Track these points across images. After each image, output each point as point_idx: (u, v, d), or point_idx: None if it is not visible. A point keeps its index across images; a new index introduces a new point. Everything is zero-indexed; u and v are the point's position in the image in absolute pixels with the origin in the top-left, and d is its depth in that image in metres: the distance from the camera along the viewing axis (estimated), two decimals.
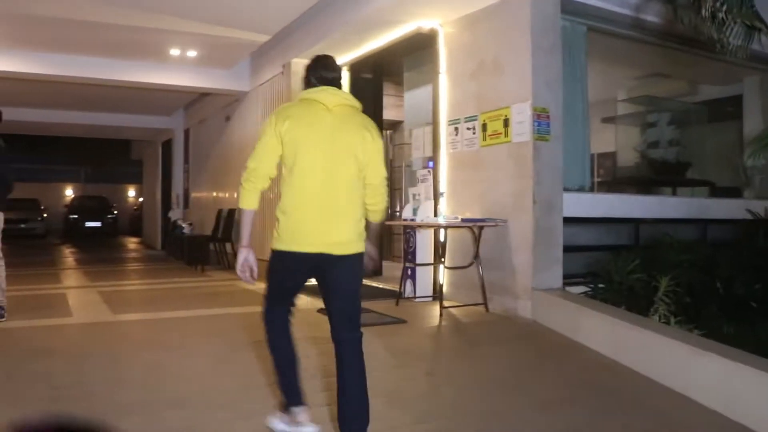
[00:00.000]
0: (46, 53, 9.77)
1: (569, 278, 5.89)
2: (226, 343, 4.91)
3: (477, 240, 6.04)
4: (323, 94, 3.11)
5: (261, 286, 3.09)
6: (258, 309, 3.13)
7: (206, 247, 11.56)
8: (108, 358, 4.46)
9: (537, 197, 5.68)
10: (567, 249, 5.85)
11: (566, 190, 5.97)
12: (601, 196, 6.89)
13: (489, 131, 6.19)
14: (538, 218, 5.68)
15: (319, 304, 6.56)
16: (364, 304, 6.36)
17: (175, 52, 9.76)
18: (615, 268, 5.60)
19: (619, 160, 9.21)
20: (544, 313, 5.49)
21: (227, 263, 11.11)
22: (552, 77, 5.82)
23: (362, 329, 2.97)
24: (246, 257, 3.00)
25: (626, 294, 5.48)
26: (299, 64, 8.79)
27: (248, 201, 2.98)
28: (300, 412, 3.02)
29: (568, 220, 5.90)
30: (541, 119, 5.71)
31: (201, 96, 13.32)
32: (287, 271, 3.02)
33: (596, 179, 8.53)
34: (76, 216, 25.10)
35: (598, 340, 4.75)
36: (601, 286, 5.69)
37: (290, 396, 3.04)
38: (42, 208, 25.08)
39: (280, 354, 3.06)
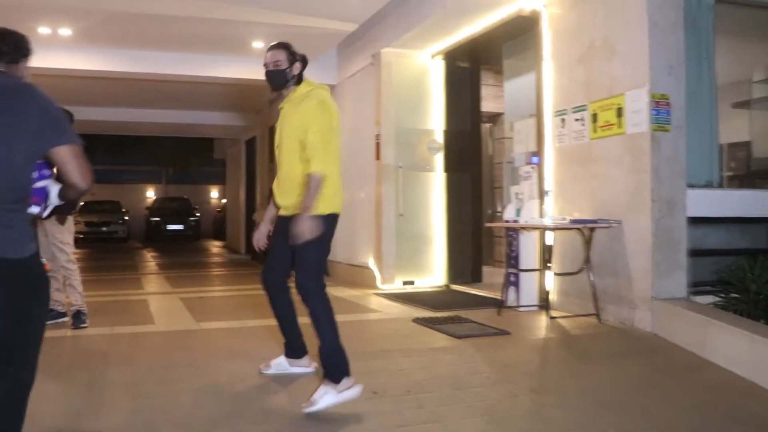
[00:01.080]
0: (125, 50, 10.24)
1: (695, 287, 5.68)
2: (316, 353, 4.99)
3: (588, 243, 5.92)
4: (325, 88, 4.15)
5: (350, 293, 3.13)
6: (350, 319, 3.20)
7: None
8: (191, 368, 4.64)
9: (656, 195, 5.51)
10: (692, 253, 5.65)
11: (690, 186, 5.76)
12: (732, 192, 6.60)
13: (600, 122, 6.06)
14: (658, 219, 5.52)
15: (415, 312, 6.62)
16: (464, 314, 6.38)
17: (257, 44, 10.03)
18: (751, 276, 5.37)
19: (755, 150, 8.78)
20: (665, 325, 5.32)
21: None
22: (672, 59, 5.63)
23: (462, 340, 3.10)
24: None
25: (765, 306, 5.23)
26: (390, 53, 8.86)
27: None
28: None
29: (692, 221, 5.70)
30: (660, 107, 5.54)
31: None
32: (332, 234, 3.99)
33: (726, 173, 8.18)
34: (157, 219, 26.19)
35: (733, 358, 4.56)
36: (734, 295, 5.47)
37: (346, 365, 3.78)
38: (123, 210, 26.31)
39: (334, 323, 3.85)
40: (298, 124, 3.96)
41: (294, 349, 4.42)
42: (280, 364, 4.45)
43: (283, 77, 4.14)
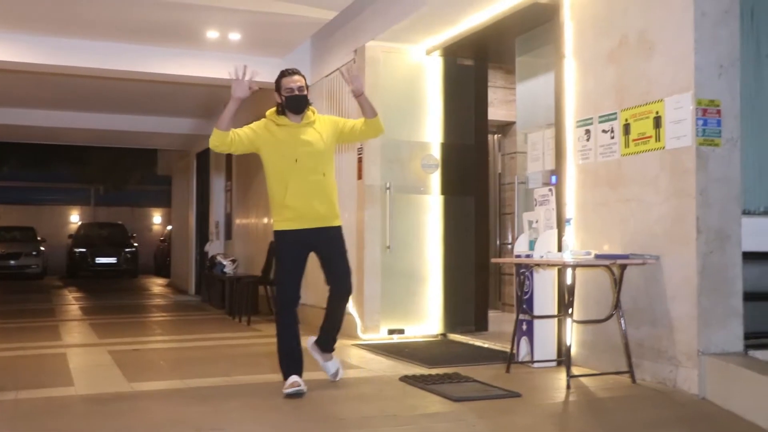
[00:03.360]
0: (43, 36, 10.12)
1: (755, 338, 5.68)
2: (281, 422, 4.95)
3: (618, 284, 5.92)
4: None
5: None
6: (322, 376, 3.15)
7: (254, 291, 11.76)
8: None
9: (703, 224, 5.53)
10: (749, 297, 5.67)
11: (747, 213, 5.79)
12: None
13: (633, 134, 6.09)
14: (705, 253, 5.53)
15: (404, 369, 6.59)
16: (464, 371, 6.37)
17: (212, 34, 10.05)
18: None
19: None
20: (717, 387, 5.31)
21: None
22: (724, 56, 5.67)
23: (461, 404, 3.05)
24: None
25: None
26: (376, 48, 8.90)
27: None
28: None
29: (750, 256, 5.71)
30: (708, 116, 5.57)
31: None
32: None
33: None
34: (83, 250, 26.03)
35: None
36: None
37: None
38: (39, 239, 26.12)
39: None
40: (328, 134, 5.97)
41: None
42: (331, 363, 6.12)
43: (306, 102, 5.93)
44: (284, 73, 5.90)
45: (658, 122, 5.85)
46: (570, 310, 6.07)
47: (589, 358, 6.41)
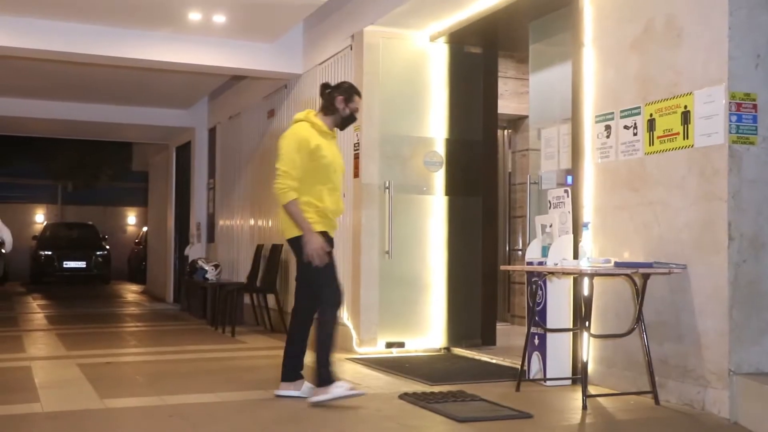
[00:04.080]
0: (7, 17, 10.05)
1: None
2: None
3: (640, 295, 5.92)
4: None
5: None
6: None
7: (239, 299, 11.75)
8: None
9: (735, 230, 5.52)
10: None
11: None
12: None
13: (659, 131, 6.09)
14: (738, 263, 5.52)
15: (404, 386, 6.59)
16: (469, 388, 6.36)
17: (195, 16, 10.02)
18: None
19: None
20: (750, 410, 5.30)
21: (270, 323, 11.22)
22: (762, 44, 5.66)
23: (466, 425, 4.22)
24: None
25: None
26: (375, 34, 8.89)
27: None
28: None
29: None
30: (743, 111, 5.56)
31: (232, 81, 13.64)
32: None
33: None
34: (49, 252, 25.90)
35: None
36: None
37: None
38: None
39: None
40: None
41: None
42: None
43: None
44: (360, 93, 6.45)
45: (686, 117, 5.84)
46: (587, 324, 6.06)
47: (608, 376, 6.40)
